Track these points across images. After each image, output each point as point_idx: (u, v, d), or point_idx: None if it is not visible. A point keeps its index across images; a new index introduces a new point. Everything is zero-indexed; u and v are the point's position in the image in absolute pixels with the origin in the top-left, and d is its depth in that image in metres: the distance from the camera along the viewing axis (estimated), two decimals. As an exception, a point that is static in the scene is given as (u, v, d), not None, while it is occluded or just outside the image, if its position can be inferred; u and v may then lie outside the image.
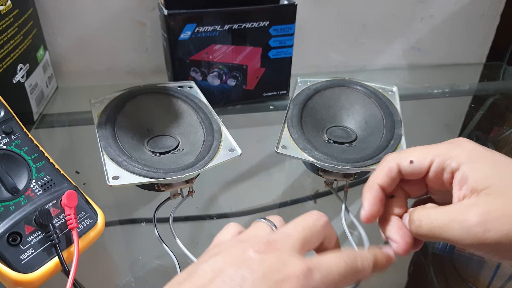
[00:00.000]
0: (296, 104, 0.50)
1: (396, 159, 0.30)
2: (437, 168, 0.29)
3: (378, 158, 0.43)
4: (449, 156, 0.28)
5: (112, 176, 0.39)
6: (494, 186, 0.26)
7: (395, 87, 0.54)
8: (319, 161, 0.42)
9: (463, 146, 0.28)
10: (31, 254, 0.32)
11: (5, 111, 0.39)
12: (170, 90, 0.52)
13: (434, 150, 0.29)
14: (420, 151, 0.30)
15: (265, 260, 0.23)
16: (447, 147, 0.29)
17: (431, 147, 0.29)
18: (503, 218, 0.24)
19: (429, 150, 0.29)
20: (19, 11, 0.54)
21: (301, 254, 0.24)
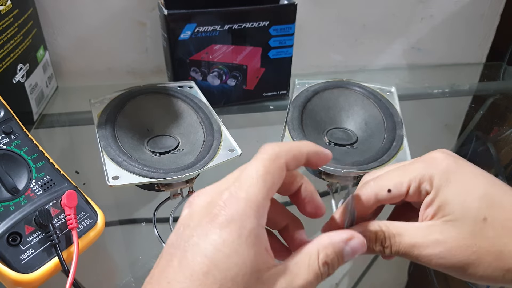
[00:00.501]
0: (296, 106, 0.50)
1: (374, 189, 0.29)
2: (413, 192, 0.28)
3: (382, 160, 0.43)
4: (423, 179, 0.28)
5: (112, 176, 0.39)
6: (455, 212, 0.26)
7: (394, 87, 0.54)
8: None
9: (437, 165, 0.28)
10: (31, 254, 0.32)
11: (5, 111, 0.39)
12: (170, 90, 0.52)
13: (410, 174, 0.28)
14: (397, 178, 0.29)
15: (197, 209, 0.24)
16: (423, 167, 0.28)
17: (407, 169, 0.29)
18: (455, 249, 0.25)
19: (406, 174, 0.29)
20: (19, 11, 0.54)
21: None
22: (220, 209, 0.23)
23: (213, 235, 0.22)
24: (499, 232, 0.25)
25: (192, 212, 0.24)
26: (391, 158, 0.43)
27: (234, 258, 0.22)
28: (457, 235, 0.26)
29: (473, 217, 0.26)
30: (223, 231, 0.22)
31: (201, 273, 0.21)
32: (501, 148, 0.61)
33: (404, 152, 0.44)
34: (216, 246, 0.22)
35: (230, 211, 0.22)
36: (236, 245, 0.22)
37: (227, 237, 0.22)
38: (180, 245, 0.23)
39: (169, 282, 0.22)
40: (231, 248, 0.22)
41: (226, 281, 0.21)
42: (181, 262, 0.22)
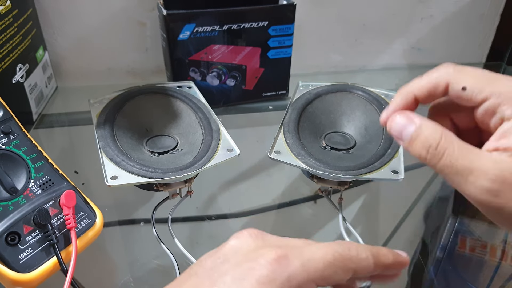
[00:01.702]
0: (295, 108, 0.50)
1: (449, 77, 0.26)
2: (488, 108, 0.24)
3: (374, 166, 0.42)
4: (507, 101, 0.23)
5: (111, 176, 0.39)
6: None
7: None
8: (311, 168, 0.42)
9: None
10: (29, 253, 0.32)
11: (4, 111, 0.39)
12: (169, 90, 0.52)
13: (493, 87, 0.24)
14: (478, 80, 0.25)
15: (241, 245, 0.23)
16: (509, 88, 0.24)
17: (493, 79, 0.25)
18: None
19: (488, 83, 0.24)
20: (18, 11, 0.54)
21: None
22: (267, 264, 0.21)
23: (247, 283, 0.21)
24: None
25: (239, 248, 0.23)
26: (383, 165, 0.42)
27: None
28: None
29: None
30: (260, 285, 0.20)
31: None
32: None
33: (398, 159, 0.43)
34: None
35: (274, 272, 0.21)
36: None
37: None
38: (213, 275, 0.21)
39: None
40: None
41: None
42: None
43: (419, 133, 0.25)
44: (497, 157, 0.23)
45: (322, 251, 0.22)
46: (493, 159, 0.22)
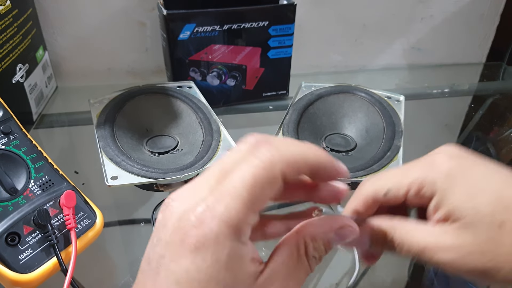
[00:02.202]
0: (296, 109, 0.49)
1: (370, 189, 0.28)
2: (413, 196, 0.26)
3: (372, 169, 0.42)
4: (424, 183, 0.26)
5: (111, 176, 0.39)
6: (468, 217, 0.24)
7: (402, 96, 0.53)
8: None
9: (439, 167, 0.26)
10: (29, 254, 0.32)
11: (3, 111, 0.39)
12: (169, 90, 0.52)
13: (409, 177, 0.26)
14: (394, 180, 0.27)
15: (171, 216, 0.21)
16: (423, 170, 0.26)
17: (407, 171, 0.27)
18: (470, 256, 0.23)
19: (404, 177, 0.27)
20: (18, 11, 0.54)
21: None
22: (192, 228, 0.19)
23: (184, 259, 0.19)
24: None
25: (166, 221, 0.21)
26: (381, 168, 0.42)
27: (210, 284, 0.19)
28: (471, 242, 0.23)
29: (488, 222, 0.23)
30: (197, 256, 0.19)
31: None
32: (501, 148, 0.61)
33: (397, 162, 0.43)
34: (190, 273, 0.19)
35: (203, 231, 0.19)
36: (212, 271, 0.19)
37: (201, 263, 0.19)
38: (152, 265, 0.20)
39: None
40: (206, 274, 0.19)
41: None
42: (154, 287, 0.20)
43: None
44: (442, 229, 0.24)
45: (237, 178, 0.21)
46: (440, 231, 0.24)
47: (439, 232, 0.25)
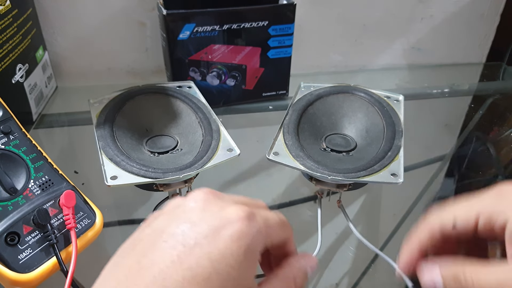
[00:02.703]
0: (296, 109, 0.49)
1: (436, 221, 0.28)
2: (484, 226, 0.26)
3: (373, 169, 0.42)
4: (495, 211, 0.25)
5: (111, 176, 0.39)
6: None
7: (402, 96, 0.53)
8: (309, 170, 0.41)
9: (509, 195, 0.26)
10: (29, 254, 0.32)
11: (3, 111, 0.39)
12: (169, 90, 0.52)
13: (478, 206, 0.26)
14: (462, 211, 0.27)
15: (205, 209, 0.24)
16: (493, 200, 0.26)
17: (474, 201, 0.27)
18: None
19: (473, 207, 0.26)
20: (18, 11, 0.54)
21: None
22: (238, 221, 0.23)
23: (223, 243, 0.22)
24: None
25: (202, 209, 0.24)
26: (382, 168, 0.42)
27: (234, 270, 0.22)
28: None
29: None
30: (234, 242, 0.22)
31: (202, 278, 0.21)
32: (501, 148, 0.61)
33: (398, 162, 0.43)
34: (224, 255, 0.21)
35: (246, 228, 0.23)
36: (239, 260, 0.22)
37: (235, 250, 0.22)
38: (185, 241, 0.22)
39: (164, 278, 0.20)
40: (235, 260, 0.22)
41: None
42: (183, 260, 0.21)
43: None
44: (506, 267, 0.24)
45: (273, 213, 0.26)
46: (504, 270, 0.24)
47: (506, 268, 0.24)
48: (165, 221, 0.23)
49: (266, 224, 0.24)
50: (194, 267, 0.21)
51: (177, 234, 0.22)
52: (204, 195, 0.25)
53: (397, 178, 0.41)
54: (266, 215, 0.25)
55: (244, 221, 0.23)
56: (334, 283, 0.45)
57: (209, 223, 0.23)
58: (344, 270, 0.47)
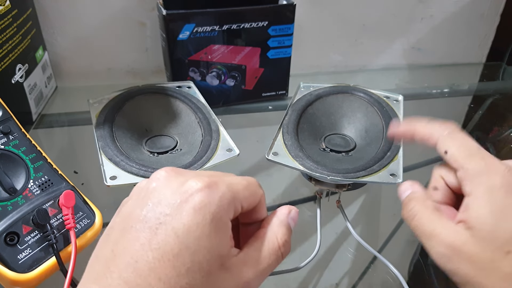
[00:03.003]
0: (295, 110, 0.49)
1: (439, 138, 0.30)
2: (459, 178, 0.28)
3: (372, 169, 0.42)
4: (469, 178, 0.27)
5: (110, 176, 0.39)
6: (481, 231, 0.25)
7: (401, 96, 0.53)
8: (309, 170, 0.41)
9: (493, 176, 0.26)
10: (28, 254, 0.32)
11: (3, 111, 0.39)
12: (169, 90, 0.52)
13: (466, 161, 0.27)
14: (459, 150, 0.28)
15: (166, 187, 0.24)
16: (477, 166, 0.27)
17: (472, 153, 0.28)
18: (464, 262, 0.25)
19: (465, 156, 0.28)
20: (18, 11, 0.54)
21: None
22: (198, 191, 0.23)
23: (187, 216, 0.22)
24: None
25: (165, 188, 0.24)
26: (381, 168, 0.42)
27: (203, 241, 0.22)
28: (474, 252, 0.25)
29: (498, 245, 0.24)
30: (197, 213, 0.22)
31: (171, 254, 0.21)
32: (501, 148, 0.61)
33: (397, 162, 0.43)
34: (189, 228, 0.22)
35: (207, 196, 0.23)
36: (206, 229, 0.22)
37: (200, 220, 0.22)
38: (150, 222, 0.22)
39: (136, 261, 0.21)
40: (202, 231, 0.22)
41: (193, 264, 0.21)
42: (151, 241, 0.21)
43: (407, 199, 0.30)
44: (456, 228, 0.26)
45: (238, 178, 0.26)
46: (453, 229, 0.26)
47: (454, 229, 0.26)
48: (131, 206, 0.24)
49: (231, 189, 0.24)
50: (162, 246, 0.21)
51: (142, 217, 0.23)
52: (164, 173, 0.25)
53: (396, 178, 0.41)
54: (230, 181, 0.25)
55: (204, 190, 0.23)
56: (334, 283, 0.45)
57: (170, 199, 0.23)
58: (344, 270, 0.47)
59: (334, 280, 0.46)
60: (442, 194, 0.30)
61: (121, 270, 0.21)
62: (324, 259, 0.46)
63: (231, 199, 0.24)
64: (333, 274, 0.46)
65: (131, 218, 0.23)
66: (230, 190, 0.24)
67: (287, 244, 0.26)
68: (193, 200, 0.22)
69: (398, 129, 0.33)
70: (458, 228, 0.26)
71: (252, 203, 0.26)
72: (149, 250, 0.21)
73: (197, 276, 0.21)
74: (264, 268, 0.24)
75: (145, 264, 0.21)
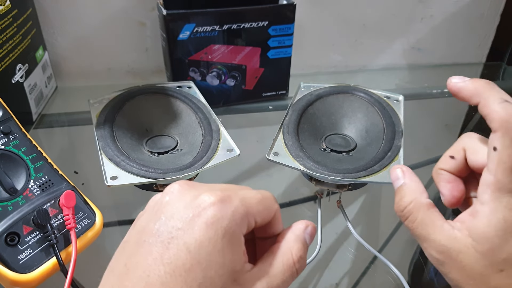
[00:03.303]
0: (295, 110, 0.49)
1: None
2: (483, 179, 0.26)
3: (372, 170, 0.41)
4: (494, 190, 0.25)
5: (110, 176, 0.39)
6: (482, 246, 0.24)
7: (401, 96, 0.53)
8: (309, 170, 0.41)
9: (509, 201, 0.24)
10: (29, 254, 0.32)
11: (3, 111, 0.39)
12: (169, 90, 0.52)
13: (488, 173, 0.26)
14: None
15: (179, 201, 0.24)
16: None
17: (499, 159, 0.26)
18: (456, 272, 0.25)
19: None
20: (18, 11, 0.54)
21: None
22: (210, 205, 0.23)
23: (199, 231, 0.22)
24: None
25: (178, 202, 0.24)
26: (382, 168, 0.42)
27: (215, 257, 0.22)
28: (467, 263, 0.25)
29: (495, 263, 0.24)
30: (210, 228, 0.22)
31: (183, 269, 0.21)
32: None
33: (397, 163, 0.43)
34: (201, 243, 0.22)
35: (220, 211, 0.22)
36: (218, 244, 0.22)
37: (212, 236, 0.22)
38: (162, 236, 0.22)
39: (148, 275, 0.21)
40: (214, 246, 0.22)
41: (205, 280, 0.21)
42: (163, 255, 0.21)
43: (400, 190, 0.30)
44: (452, 233, 0.26)
45: (253, 192, 0.26)
46: (448, 235, 0.26)
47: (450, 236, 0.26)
48: (145, 220, 0.24)
49: (244, 203, 0.24)
50: (174, 261, 0.21)
51: (155, 230, 0.22)
52: (178, 187, 0.25)
53: None
54: (244, 195, 0.24)
55: (217, 205, 0.23)
56: (334, 283, 0.45)
57: (183, 213, 0.23)
58: (344, 270, 0.47)
59: (334, 280, 0.46)
60: (456, 165, 0.29)
61: (134, 285, 0.21)
62: (324, 259, 0.46)
63: (244, 213, 0.24)
64: (333, 274, 0.46)
65: (144, 232, 0.23)
66: (244, 205, 0.24)
67: (302, 260, 0.25)
68: (205, 215, 0.22)
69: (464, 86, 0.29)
70: (456, 234, 0.26)
71: (267, 218, 0.26)
72: (161, 265, 0.21)
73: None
74: (277, 284, 0.24)
75: (157, 278, 0.21)
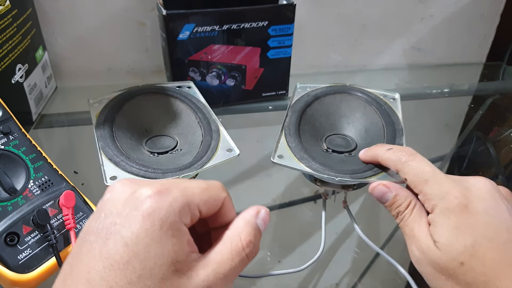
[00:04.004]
0: (295, 111, 0.49)
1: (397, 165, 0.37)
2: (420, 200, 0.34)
3: (377, 169, 0.41)
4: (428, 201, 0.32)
5: (110, 176, 0.39)
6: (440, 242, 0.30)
7: (397, 94, 0.53)
8: (316, 172, 0.41)
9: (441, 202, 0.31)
10: (28, 254, 0.32)
11: (3, 111, 0.39)
12: (169, 90, 0.52)
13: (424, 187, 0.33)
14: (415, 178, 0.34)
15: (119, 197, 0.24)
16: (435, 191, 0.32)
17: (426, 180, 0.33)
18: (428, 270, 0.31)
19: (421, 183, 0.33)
20: (18, 11, 0.54)
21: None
22: (147, 197, 0.23)
23: (135, 224, 0.22)
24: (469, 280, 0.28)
25: (117, 198, 0.24)
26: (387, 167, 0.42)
27: (153, 248, 0.22)
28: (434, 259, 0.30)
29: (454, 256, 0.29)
30: (147, 221, 0.22)
31: (121, 263, 0.21)
32: (501, 148, 0.61)
33: None
34: (138, 235, 0.22)
35: (156, 202, 0.23)
36: (156, 236, 0.22)
37: (149, 227, 0.22)
38: (102, 233, 0.22)
39: (88, 271, 0.21)
40: (151, 238, 0.22)
41: (144, 271, 0.21)
42: (102, 251, 0.22)
43: (394, 200, 0.35)
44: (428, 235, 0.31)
45: (198, 182, 0.26)
46: (425, 235, 0.31)
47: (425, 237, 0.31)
48: (89, 220, 0.24)
49: (184, 193, 0.24)
50: (112, 255, 0.21)
51: (95, 228, 0.23)
52: (119, 184, 0.25)
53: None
54: (186, 185, 0.24)
55: (153, 197, 0.23)
56: (334, 283, 0.45)
57: (121, 209, 0.23)
58: (344, 270, 0.47)
59: (334, 280, 0.46)
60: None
61: (76, 283, 0.21)
62: (324, 259, 0.46)
63: (185, 203, 0.23)
64: (333, 274, 0.46)
65: (87, 232, 0.23)
66: (184, 195, 0.24)
67: (252, 244, 0.25)
68: (141, 207, 0.22)
69: (365, 158, 0.41)
70: (429, 236, 0.31)
71: (213, 206, 0.25)
72: (99, 260, 0.21)
73: (149, 282, 0.21)
74: (226, 270, 0.23)
75: (97, 274, 0.21)
